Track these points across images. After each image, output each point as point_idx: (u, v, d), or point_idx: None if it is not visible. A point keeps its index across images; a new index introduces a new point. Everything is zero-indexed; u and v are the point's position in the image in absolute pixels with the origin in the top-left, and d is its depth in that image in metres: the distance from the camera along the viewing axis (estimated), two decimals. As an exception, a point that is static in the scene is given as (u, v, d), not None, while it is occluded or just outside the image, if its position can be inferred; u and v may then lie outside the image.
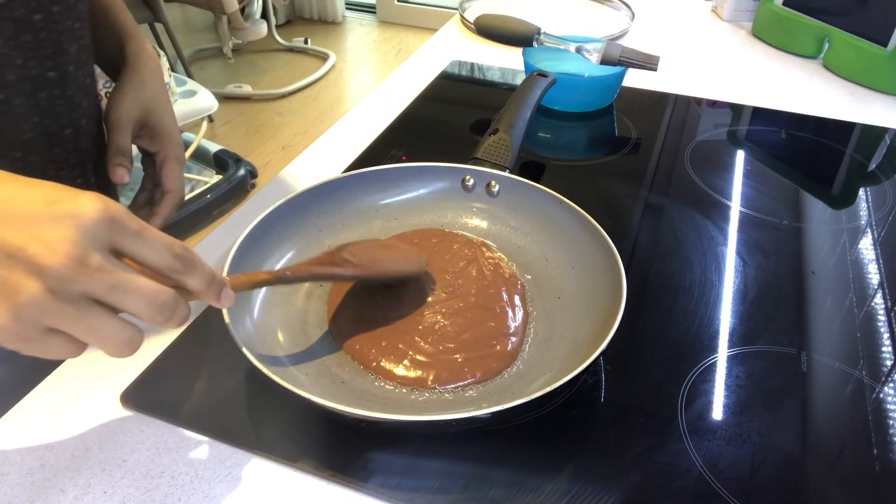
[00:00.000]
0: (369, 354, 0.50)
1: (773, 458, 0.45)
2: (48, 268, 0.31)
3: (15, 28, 0.48)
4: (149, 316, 0.34)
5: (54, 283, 0.31)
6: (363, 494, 0.42)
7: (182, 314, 0.36)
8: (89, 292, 0.32)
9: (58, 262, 0.31)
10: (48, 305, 0.31)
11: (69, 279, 0.31)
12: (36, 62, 0.50)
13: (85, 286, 0.32)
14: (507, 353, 0.50)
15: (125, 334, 0.34)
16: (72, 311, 0.32)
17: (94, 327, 0.33)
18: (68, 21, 0.52)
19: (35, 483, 0.42)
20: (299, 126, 2.68)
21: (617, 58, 0.83)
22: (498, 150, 0.65)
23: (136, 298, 0.33)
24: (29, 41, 0.49)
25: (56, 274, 0.31)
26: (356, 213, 0.61)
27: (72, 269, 0.31)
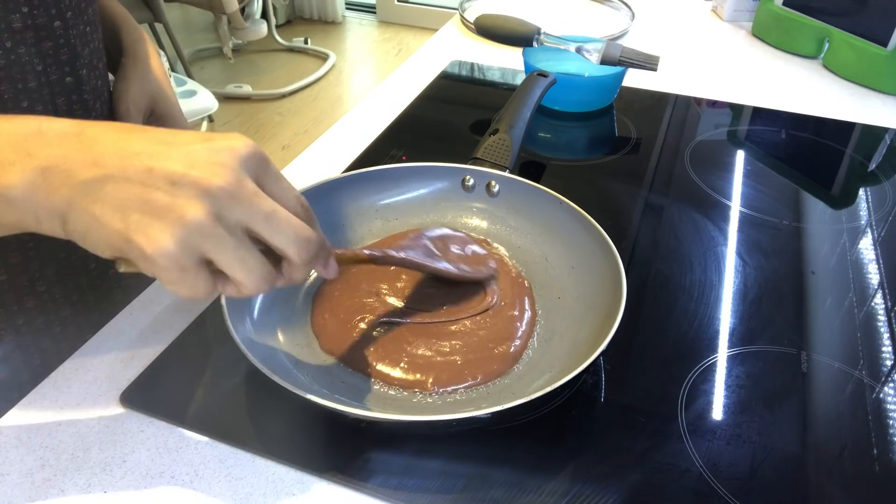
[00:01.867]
0: (364, 360, 0.49)
1: (773, 458, 0.45)
2: (213, 190, 0.32)
3: (36, 36, 0.49)
4: (295, 250, 0.35)
5: (218, 206, 0.32)
6: (363, 494, 0.42)
7: (323, 257, 0.38)
8: (246, 219, 0.33)
9: (221, 185, 0.32)
10: (211, 230, 0.32)
11: (232, 203, 0.32)
12: (55, 68, 0.51)
13: (244, 211, 0.33)
14: (510, 355, 0.50)
15: (266, 269, 0.35)
16: (229, 239, 0.33)
17: (245, 258, 0.33)
18: (81, 25, 0.53)
19: (35, 483, 0.42)
20: (299, 126, 2.68)
21: (617, 58, 0.83)
22: (498, 150, 0.65)
23: (287, 229, 0.34)
24: (49, 47, 0.50)
25: (221, 196, 0.32)
26: (356, 213, 0.61)
27: (234, 193, 0.32)
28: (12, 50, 0.48)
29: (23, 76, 0.49)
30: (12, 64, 0.48)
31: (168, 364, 0.50)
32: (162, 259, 0.31)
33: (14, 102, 0.49)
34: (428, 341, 0.50)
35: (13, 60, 0.48)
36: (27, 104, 0.50)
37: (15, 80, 0.49)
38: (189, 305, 0.55)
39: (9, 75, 0.48)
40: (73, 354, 0.51)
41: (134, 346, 0.52)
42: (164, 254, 0.31)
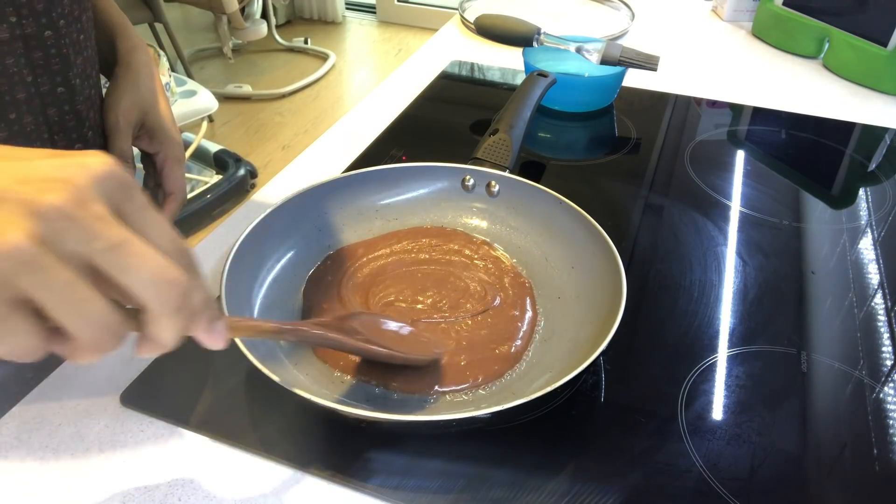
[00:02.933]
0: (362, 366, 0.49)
1: (773, 458, 0.45)
2: (42, 207, 0.25)
3: (26, 46, 0.47)
4: (152, 293, 0.27)
5: (48, 229, 0.25)
6: (363, 494, 0.42)
7: (205, 317, 0.30)
8: (84, 248, 0.26)
9: (54, 202, 0.25)
10: (34, 256, 0.24)
11: (66, 226, 0.25)
12: (46, 78, 0.50)
13: (83, 238, 0.26)
14: (511, 355, 0.50)
15: (112, 318, 0.27)
16: (60, 271, 0.25)
17: (80, 298, 0.26)
18: (74, 34, 0.51)
19: (35, 483, 0.42)
20: (299, 126, 2.68)
21: (617, 58, 0.83)
22: (498, 150, 0.65)
23: (142, 265, 0.27)
24: (39, 58, 0.49)
25: (52, 216, 0.25)
26: (356, 213, 0.61)
27: (70, 214, 0.25)
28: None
29: (10, 87, 0.47)
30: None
31: (168, 364, 0.50)
32: None
33: (1, 114, 0.47)
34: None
35: (0, 71, 0.46)
36: (15, 115, 0.48)
37: (2, 92, 0.47)
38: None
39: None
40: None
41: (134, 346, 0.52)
42: None
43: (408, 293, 0.54)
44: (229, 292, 0.46)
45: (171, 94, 1.90)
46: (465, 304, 0.54)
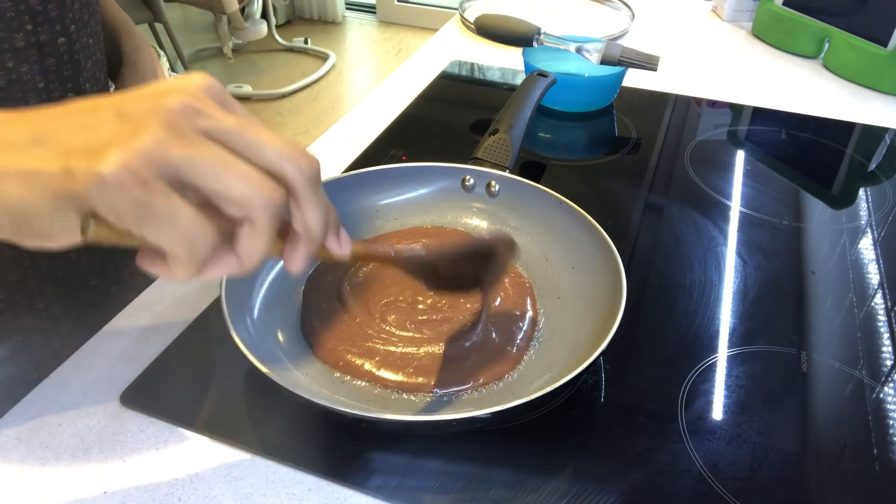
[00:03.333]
0: (362, 367, 0.49)
1: (773, 458, 0.45)
2: (168, 105, 0.26)
3: (40, 53, 0.48)
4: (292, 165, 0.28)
5: (177, 117, 0.26)
6: (363, 494, 0.42)
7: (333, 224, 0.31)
8: (217, 129, 0.27)
9: (177, 101, 0.26)
10: (176, 140, 0.25)
11: (194, 112, 0.26)
12: (57, 84, 0.50)
13: (213, 120, 0.27)
14: (513, 356, 0.50)
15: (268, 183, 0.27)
16: (202, 147, 0.26)
17: (231, 165, 0.26)
18: (84, 38, 0.52)
19: (35, 483, 0.42)
20: (299, 126, 2.68)
21: (617, 58, 0.83)
22: (498, 150, 0.65)
23: (273, 141, 0.28)
24: (52, 64, 0.49)
25: (179, 111, 0.26)
26: (356, 213, 0.61)
27: (192, 104, 0.27)
28: (14, 69, 0.47)
29: (23, 94, 0.48)
30: (13, 84, 0.47)
31: (168, 364, 0.50)
32: (117, 173, 0.24)
33: None
34: (430, 346, 0.50)
35: (14, 80, 0.47)
36: None
37: (15, 100, 0.47)
38: (189, 305, 0.55)
39: (9, 95, 0.47)
40: (73, 354, 0.51)
41: (134, 346, 0.52)
42: (116, 166, 0.24)
43: (408, 293, 0.54)
44: (229, 292, 0.46)
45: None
46: (465, 304, 0.54)
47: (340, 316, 0.52)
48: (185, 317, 0.54)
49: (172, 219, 0.25)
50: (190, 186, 0.26)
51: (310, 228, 0.29)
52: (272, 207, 0.27)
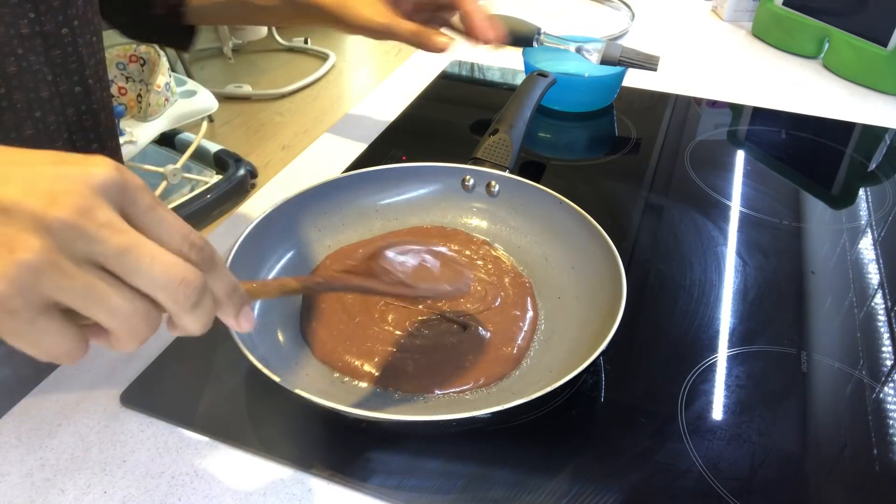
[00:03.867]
0: (362, 368, 0.49)
1: (773, 458, 0.45)
2: (51, 219, 0.26)
3: (45, 43, 0.48)
4: (165, 294, 0.28)
5: (58, 237, 0.26)
6: (363, 494, 0.42)
7: (208, 308, 0.30)
8: (98, 253, 0.27)
9: (63, 213, 0.26)
10: (50, 264, 0.26)
11: (75, 233, 0.26)
12: (64, 77, 0.51)
13: (94, 243, 0.27)
14: (513, 357, 0.50)
15: (141, 305, 0.28)
16: (77, 273, 0.26)
17: (104, 297, 0.27)
18: (87, 35, 0.53)
19: (35, 483, 0.42)
20: (299, 126, 2.68)
21: (617, 58, 0.83)
22: (498, 150, 0.65)
23: (151, 267, 0.27)
24: (58, 56, 0.50)
25: (61, 225, 0.26)
26: (356, 213, 0.61)
27: (78, 221, 0.26)
28: (24, 57, 0.47)
29: (35, 85, 0.49)
30: (24, 71, 0.48)
31: (168, 364, 0.50)
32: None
33: (27, 112, 0.49)
34: (431, 348, 0.50)
35: (24, 68, 0.48)
36: (40, 114, 0.49)
37: (28, 90, 0.48)
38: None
39: (22, 83, 0.48)
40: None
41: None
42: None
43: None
44: (229, 292, 0.46)
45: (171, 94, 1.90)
46: (465, 304, 0.54)
47: (339, 316, 0.52)
48: (185, 317, 0.54)
49: (37, 338, 0.27)
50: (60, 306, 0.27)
51: (186, 330, 0.30)
52: (137, 336, 0.28)
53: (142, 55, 1.87)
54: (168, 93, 1.87)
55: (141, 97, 1.87)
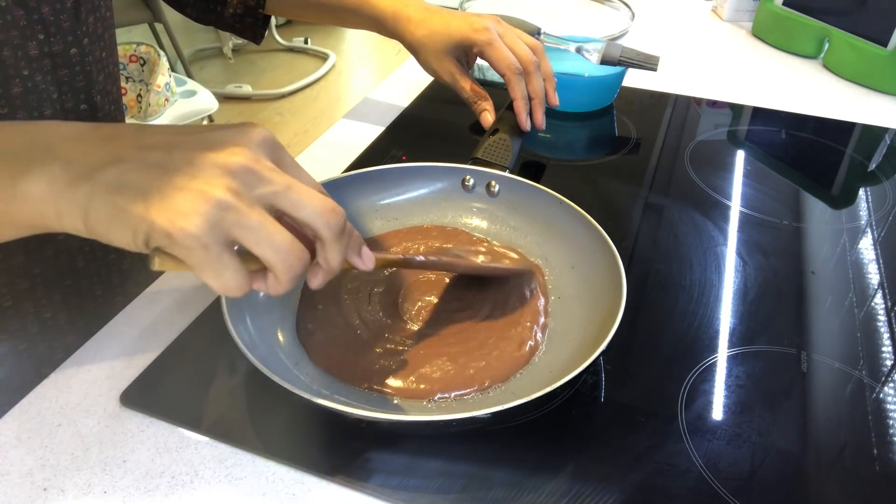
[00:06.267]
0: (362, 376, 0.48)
1: (773, 458, 0.45)
2: (232, 167, 0.32)
3: (53, 63, 0.49)
4: (323, 221, 0.34)
5: (238, 182, 0.32)
6: (363, 494, 0.42)
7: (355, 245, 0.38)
8: (267, 192, 0.32)
9: (240, 162, 0.32)
10: (233, 205, 0.31)
11: (251, 178, 0.32)
12: (70, 95, 0.51)
13: (264, 185, 0.32)
14: (523, 355, 0.49)
15: (297, 246, 0.33)
16: (252, 214, 0.31)
17: (271, 234, 0.32)
18: (97, 51, 0.53)
19: (35, 483, 0.42)
20: (299, 126, 2.68)
21: (617, 58, 0.83)
22: (498, 150, 0.65)
23: (310, 199, 0.33)
24: (65, 75, 0.50)
25: (240, 172, 0.32)
26: (356, 213, 0.61)
27: (252, 169, 0.32)
28: (29, 77, 0.48)
29: (39, 104, 0.49)
30: (29, 92, 0.48)
31: (168, 364, 0.50)
32: (185, 238, 0.30)
33: None
34: (432, 350, 0.50)
35: (30, 88, 0.48)
36: None
37: (31, 109, 0.48)
38: (190, 305, 0.55)
39: (26, 103, 0.48)
40: (72, 354, 0.51)
41: (134, 346, 0.52)
42: (187, 232, 0.30)
43: (408, 295, 0.54)
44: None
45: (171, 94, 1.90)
46: (466, 305, 0.53)
47: (336, 320, 0.52)
48: (185, 317, 0.54)
49: (221, 270, 0.32)
50: (236, 243, 0.32)
51: (329, 265, 0.36)
52: (291, 271, 0.33)
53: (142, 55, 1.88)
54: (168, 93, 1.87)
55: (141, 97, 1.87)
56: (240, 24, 0.74)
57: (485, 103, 0.69)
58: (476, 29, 0.66)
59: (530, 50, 0.66)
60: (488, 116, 0.68)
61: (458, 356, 0.49)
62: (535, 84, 0.66)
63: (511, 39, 0.67)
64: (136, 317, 0.55)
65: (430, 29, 0.68)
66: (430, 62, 0.70)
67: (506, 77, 0.66)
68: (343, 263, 0.36)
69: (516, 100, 0.66)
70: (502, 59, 0.65)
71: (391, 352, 0.49)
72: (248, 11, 0.73)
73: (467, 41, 0.67)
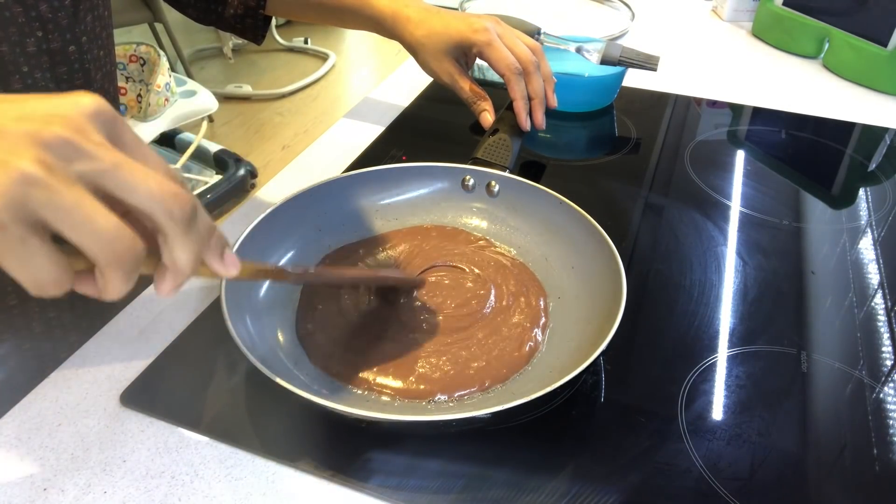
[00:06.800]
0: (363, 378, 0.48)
1: (773, 458, 0.45)
2: (46, 137, 0.26)
3: (51, 60, 0.49)
4: (161, 207, 0.27)
5: (53, 155, 0.26)
6: (363, 494, 0.42)
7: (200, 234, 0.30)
8: (91, 170, 0.26)
9: (59, 130, 0.26)
10: (40, 179, 0.25)
11: (70, 152, 0.26)
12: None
13: (89, 159, 0.26)
14: (523, 356, 0.49)
15: (125, 233, 0.27)
16: (68, 191, 0.25)
17: (90, 215, 0.26)
18: (95, 50, 0.53)
19: (35, 483, 0.42)
20: (299, 126, 2.68)
21: (617, 58, 0.83)
22: (498, 150, 0.65)
23: (146, 181, 0.27)
24: (63, 73, 0.50)
25: (56, 144, 0.26)
26: (356, 213, 0.61)
27: (72, 141, 0.26)
28: (28, 74, 0.48)
29: None
30: (29, 89, 0.48)
31: (168, 364, 0.50)
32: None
33: None
34: (432, 352, 0.50)
35: (30, 85, 0.48)
36: None
37: None
38: (189, 305, 0.55)
39: None
40: (73, 354, 0.51)
41: (134, 346, 0.52)
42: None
43: (400, 300, 0.54)
44: (229, 292, 0.46)
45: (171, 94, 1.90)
46: (467, 304, 0.54)
47: (336, 320, 0.52)
48: (185, 317, 0.54)
49: (27, 259, 0.26)
50: (49, 228, 0.26)
51: (177, 265, 0.29)
52: (119, 264, 0.27)
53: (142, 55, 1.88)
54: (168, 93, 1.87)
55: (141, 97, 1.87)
56: (240, 24, 0.74)
57: (484, 103, 0.69)
58: (475, 29, 0.66)
59: (530, 50, 0.67)
60: (488, 117, 0.68)
61: (458, 356, 0.49)
62: (534, 84, 0.66)
63: (510, 40, 0.66)
64: (136, 317, 0.55)
65: (430, 29, 0.68)
66: (429, 63, 0.70)
67: (505, 77, 0.66)
68: (196, 265, 0.30)
69: (516, 100, 0.66)
70: (502, 60, 0.65)
71: (391, 352, 0.49)
72: (248, 12, 0.73)
73: (466, 42, 0.67)
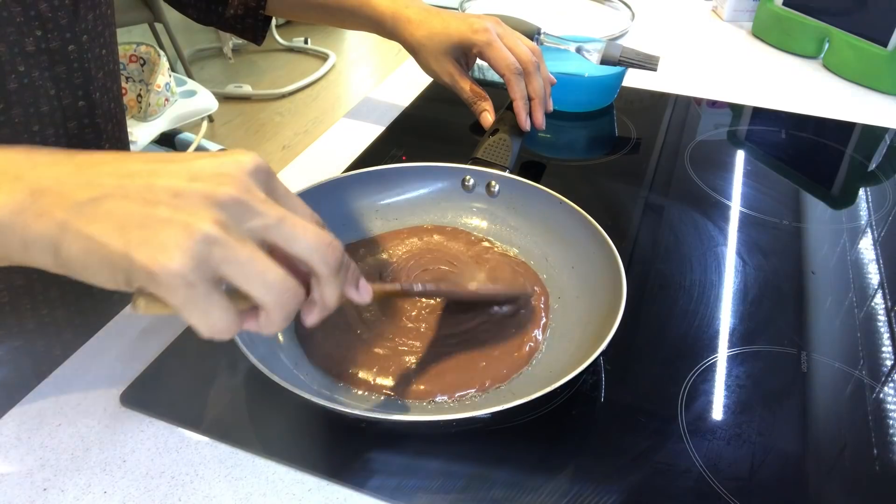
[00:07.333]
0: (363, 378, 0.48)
1: (773, 458, 0.45)
2: (220, 198, 0.29)
3: (50, 60, 0.49)
4: (319, 256, 0.31)
5: (226, 214, 0.29)
6: (363, 494, 0.42)
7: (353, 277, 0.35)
8: (260, 225, 0.30)
9: (230, 192, 0.30)
10: (220, 239, 0.28)
11: (240, 210, 0.30)
12: (68, 92, 0.51)
13: (258, 215, 0.30)
14: (523, 356, 0.49)
15: (290, 283, 0.31)
16: (243, 251, 0.29)
17: (262, 270, 0.29)
18: (97, 48, 0.53)
19: (35, 483, 0.42)
20: (299, 126, 2.68)
21: (617, 58, 0.83)
22: (498, 150, 0.65)
23: (305, 233, 0.31)
24: (62, 71, 0.50)
25: (229, 204, 0.29)
26: (356, 213, 0.61)
27: (242, 200, 0.30)
28: (26, 73, 0.48)
29: (35, 100, 0.49)
30: (25, 88, 0.48)
31: (168, 364, 0.50)
32: (168, 276, 0.28)
33: (25, 126, 0.49)
34: (432, 351, 0.50)
35: (26, 84, 0.48)
36: (38, 128, 0.49)
37: (27, 105, 0.48)
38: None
39: (21, 99, 0.48)
40: (73, 354, 0.51)
41: (134, 346, 0.52)
42: (169, 270, 0.28)
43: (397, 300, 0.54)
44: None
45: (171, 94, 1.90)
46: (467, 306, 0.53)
47: (336, 320, 0.52)
48: (185, 317, 0.54)
49: (208, 311, 0.29)
50: (224, 281, 0.30)
51: (325, 302, 0.33)
52: (284, 310, 0.31)
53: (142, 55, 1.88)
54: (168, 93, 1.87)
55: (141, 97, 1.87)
56: (240, 24, 0.74)
57: (484, 104, 0.69)
58: (475, 30, 0.66)
59: (530, 51, 0.67)
60: (488, 117, 0.68)
61: (458, 356, 0.49)
62: (534, 84, 0.66)
63: (510, 40, 0.67)
64: (136, 317, 0.55)
65: (430, 30, 0.68)
66: (429, 63, 0.70)
67: (505, 77, 0.66)
68: (341, 299, 0.34)
69: (516, 100, 0.66)
70: (502, 60, 0.65)
71: (391, 352, 0.49)
72: (248, 12, 0.73)
73: (467, 42, 0.67)
